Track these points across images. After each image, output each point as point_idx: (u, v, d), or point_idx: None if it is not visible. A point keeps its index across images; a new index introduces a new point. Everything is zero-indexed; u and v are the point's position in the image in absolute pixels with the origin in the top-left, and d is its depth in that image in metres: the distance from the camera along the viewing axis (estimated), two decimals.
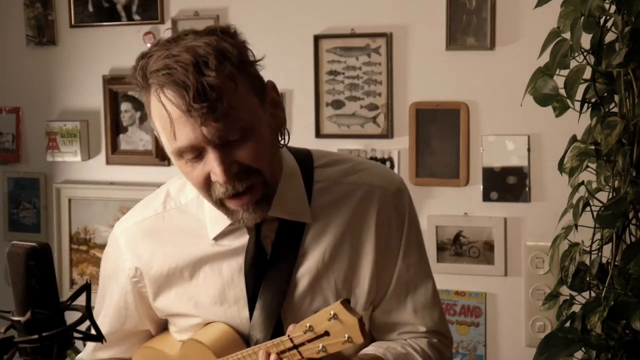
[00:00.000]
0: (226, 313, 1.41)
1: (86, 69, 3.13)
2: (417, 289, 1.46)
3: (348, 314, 1.18)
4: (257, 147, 1.28)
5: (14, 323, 0.93)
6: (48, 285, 0.94)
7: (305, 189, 1.41)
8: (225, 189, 1.28)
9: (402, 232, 1.44)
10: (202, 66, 1.22)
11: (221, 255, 1.41)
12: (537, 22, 2.42)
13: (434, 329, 1.48)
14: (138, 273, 1.45)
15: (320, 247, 1.39)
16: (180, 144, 1.25)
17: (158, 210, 1.47)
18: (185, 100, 1.21)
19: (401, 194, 1.46)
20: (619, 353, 1.86)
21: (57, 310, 0.95)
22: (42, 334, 0.92)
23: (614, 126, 1.82)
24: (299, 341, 1.23)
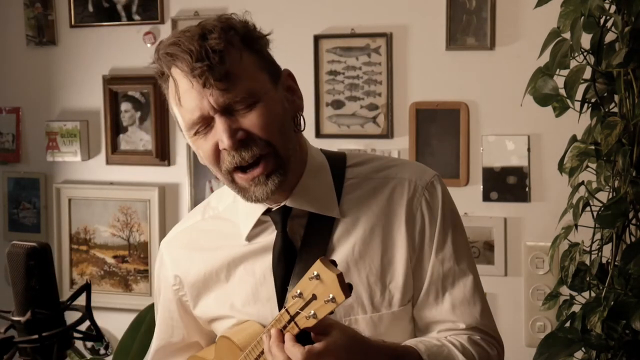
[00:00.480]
0: (259, 312, 1.41)
1: (86, 69, 3.13)
2: (454, 284, 1.40)
3: (328, 271, 1.15)
4: (264, 117, 1.31)
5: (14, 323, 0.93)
6: (48, 285, 0.94)
7: (336, 186, 1.41)
8: (232, 157, 1.30)
9: (435, 226, 1.41)
10: (207, 34, 1.29)
11: (254, 254, 1.42)
12: (537, 22, 2.42)
13: (476, 326, 1.41)
14: (178, 281, 1.48)
15: (349, 242, 1.38)
16: (190, 115, 1.30)
17: (197, 219, 1.51)
18: (190, 65, 1.26)
19: (433, 187, 1.43)
20: (619, 353, 1.86)
21: (57, 310, 0.95)
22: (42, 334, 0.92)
23: (614, 126, 1.83)
24: (294, 310, 1.21)
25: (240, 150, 1.29)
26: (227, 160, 1.31)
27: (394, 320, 1.39)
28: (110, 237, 3.11)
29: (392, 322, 1.38)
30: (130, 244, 3.09)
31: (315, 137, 2.84)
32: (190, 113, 1.30)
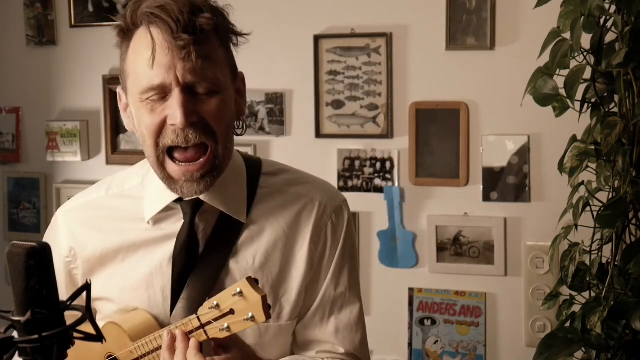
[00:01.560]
0: (150, 299, 1.40)
1: (86, 69, 3.13)
2: (342, 309, 1.45)
3: (253, 291, 1.19)
4: (221, 109, 1.31)
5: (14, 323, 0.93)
6: (48, 285, 0.94)
7: (249, 193, 1.42)
8: (177, 135, 1.28)
9: (336, 250, 1.45)
10: (197, 10, 1.28)
11: (154, 241, 1.41)
12: (537, 22, 2.42)
13: (353, 353, 1.46)
14: (72, 253, 1.46)
15: (252, 250, 1.40)
16: (154, 81, 1.27)
17: (101, 194, 1.49)
18: (173, 30, 1.25)
19: (341, 212, 1.47)
20: (619, 353, 1.86)
21: (57, 310, 0.95)
22: (42, 334, 0.92)
23: (614, 126, 1.82)
24: (206, 320, 1.23)
25: (187, 130, 1.28)
26: (170, 137, 1.29)
27: (280, 333, 1.42)
28: None
29: (277, 334, 1.41)
30: None
31: (315, 137, 2.84)
32: (151, 78, 1.27)
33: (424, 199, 2.75)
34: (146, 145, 1.33)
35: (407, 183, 2.76)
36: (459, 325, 2.74)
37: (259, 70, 2.87)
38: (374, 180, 2.80)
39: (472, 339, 2.73)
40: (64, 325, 0.94)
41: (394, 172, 2.78)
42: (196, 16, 1.27)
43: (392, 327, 2.81)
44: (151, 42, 1.26)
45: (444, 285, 2.75)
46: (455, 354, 2.74)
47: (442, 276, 2.75)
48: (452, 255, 2.73)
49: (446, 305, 2.74)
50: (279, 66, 2.86)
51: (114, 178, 1.51)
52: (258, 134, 2.91)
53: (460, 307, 2.73)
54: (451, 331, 2.75)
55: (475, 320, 2.72)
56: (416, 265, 2.78)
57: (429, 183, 2.74)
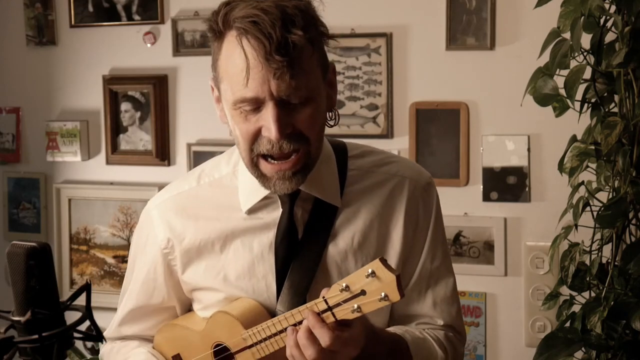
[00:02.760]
0: (254, 288, 1.42)
1: (86, 69, 3.13)
2: (438, 282, 1.48)
3: (386, 270, 1.19)
4: (314, 116, 1.32)
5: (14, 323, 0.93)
6: (48, 285, 0.94)
7: (340, 176, 1.44)
8: (272, 146, 1.29)
9: (429, 225, 1.47)
10: (289, 24, 1.26)
11: (253, 230, 1.42)
12: (537, 22, 2.42)
13: (451, 324, 1.49)
14: (170, 245, 1.46)
15: (349, 232, 1.42)
16: (247, 94, 1.27)
17: (192, 185, 1.49)
18: (266, 50, 1.23)
19: (430, 188, 1.50)
20: (619, 353, 1.86)
21: (57, 310, 0.95)
22: (42, 334, 0.92)
23: (614, 126, 1.82)
24: (334, 302, 1.23)
25: (282, 142, 1.29)
26: (265, 146, 1.30)
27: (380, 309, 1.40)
28: (110, 237, 3.11)
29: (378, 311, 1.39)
30: (130, 244, 3.08)
31: None
32: (244, 90, 1.27)
33: None
34: (240, 147, 1.35)
35: None
36: None
37: None
38: None
39: (472, 339, 2.73)
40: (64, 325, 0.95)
41: None
42: (289, 32, 1.25)
43: None
44: (245, 59, 1.26)
45: None
46: None
47: None
48: (452, 255, 2.73)
49: None
50: None
51: (203, 168, 1.51)
52: None
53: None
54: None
55: (475, 320, 2.72)
56: None
57: None
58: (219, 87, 1.35)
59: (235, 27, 1.27)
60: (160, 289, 1.50)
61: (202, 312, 1.48)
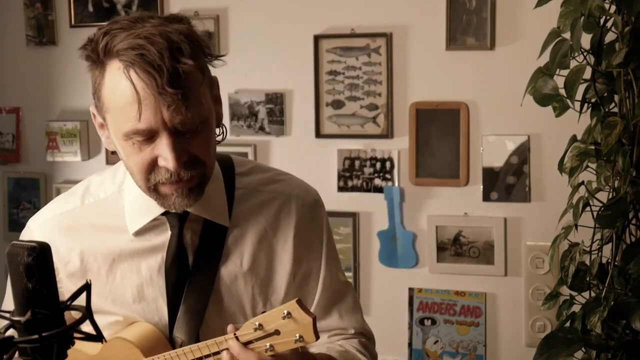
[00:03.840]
0: (145, 311, 1.40)
1: (86, 69, 3.12)
2: (340, 297, 1.50)
3: (303, 312, 1.20)
4: (209, 140, 1.30)
5: (14, 323, 0.93)
6: (48, 285, 0.93)
7: (227, 195, 1.42)
8: (170, 175, 1.26)
9: (322, 242, 1.48)
10: (177, 52, 1.21)
11: (140, 252, 1.40)
12: (537, 22, 2.42)
13: (361, 330, 1.53)
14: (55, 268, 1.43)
15: (238, 253, 1.41)
16: (140, 126, 1.22)
17: (76, 205, 1.44)
18: (157, 83, 1.19)
19: (318, 206, 1.50)
20: (619, 353, 1.86)
21: (57, 310, 0.94)
22: (42, 334, 0.92)
23: (614, 126, 1.82)
24: (246, 339, 1.23)
25: (179, 170, 1.26)
26: (164, 175, 1.27)
27: None
28: None
29: None
30: None
31: (315, 137, 2.84)
32: (135, 122, 1.22)
33: (424, 199, 2.75)
34: (135, 177, 1.31)
35: (407, 183, 2.76)
36: (459, 325, 2.74)
37: (259, 70, 2.87)
38: (374, 180, 2.80)
39: (472, 339, 2.73)
40: (64, 325, 0.94)
41: (393, 172, 2.78)
42: (178, 62, 1.20)
43: (392, 327, 2.81)
44: (134, 93, 1.20)
45: (444, 285, 2.75)
46: (455, 354, 2.74)
47: (442, 276, 2.75)
48: (452, 255, 2.73)
49: (446, 305, 2.74)
50: (279, 66, 2.86)
51: (88, 186, 1.46)
52: (258, 134, 2.91)
53: (460, 307, 2.73)
54: (451, 331, 2.75)
55: (475, 320, 2.72)
56: (416, 265, 2.78)
57: (429, 183, 2.74)
58: (103, 117, 1.30)
59: (120, 59, 1.22)
60: None
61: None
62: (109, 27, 1.27)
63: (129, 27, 1.24)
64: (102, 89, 1.28)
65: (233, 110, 2.90)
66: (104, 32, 1.27)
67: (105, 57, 1.25)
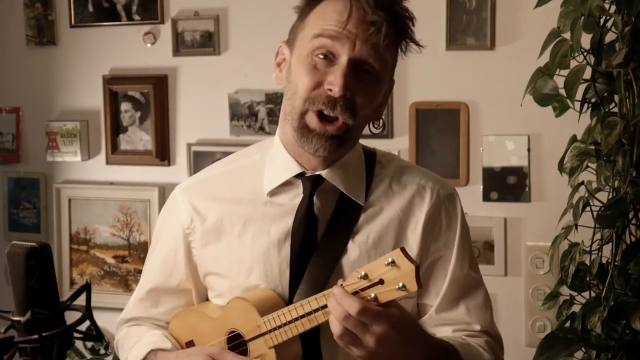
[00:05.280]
0: (267, 273, 1.42)
1: (86, 69, 3.13)
2: (469, 291, 1.49)
3: (406, 260, 1.19)
4: (372, 95, 1.38)
5: (14, 323, 0.93)
6: (48, 285, 0.94)
7: (367, 179, 1.47)
8: (328, 102, 1.32)
9: (455, 234, 1.49)
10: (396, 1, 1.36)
11: (272, 215, 1.44)
12: (537, 22, 2.42)
13: (488, 330, 1.50)
14: (192, 225, 1.48)
15: (367, 230, 1.43)
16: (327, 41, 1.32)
17: (219, 170, 1.53)
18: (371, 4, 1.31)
19: (454, 199, 1.53)
20: (619, 353, 1.86)
21: (57, 310, 0.95)
22: (42, 334, 0.92)
23: (614, 126, 1.83)
24: (351, 290, 1.22)
25: (338, 104, 1.32)
26: (321, 100, 1.33)
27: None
28: (110, 237, 3.11)
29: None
30: (130, 244, 3.08)
31: None
32: (330, 39, 1.32)
33: None
34: (295, 97, 1.37)
35: None
36: None
37: (259, 70, 2.87)
38: None
39: None
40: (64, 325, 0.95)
41: None
42: (397, 3, 1.34)
43: None
44: (349, 5, 1.31)
45: None
46: None
47: None
48: None
49: None
50: None
51: (232, 156, 1.56)
52: (258, 134, 2.90)
53: None
54: None
55: None
56: None
57: None
58: (294, 40, 1.41)
59: None
60: (178, 271, 1.51)
61: (216, 299, 1.49)
62: None
63: None
64: (310, 14, 1.39)
65: (233, 110, 2.90)
66: None
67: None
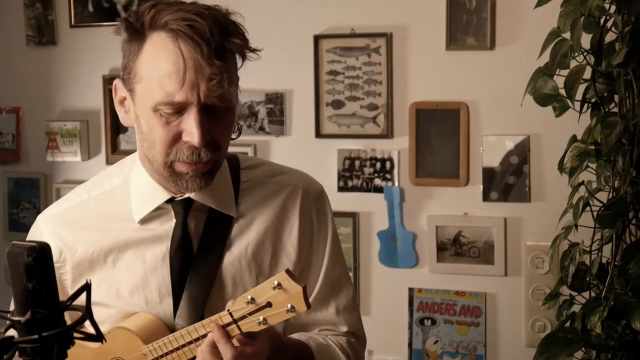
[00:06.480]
0: (147, 300, 1.41)
1: (86, 69, 3.13)
2: (340, 291, 1.51)
3: (292, 282, 1.20)
4: (230, 127, 1.35)
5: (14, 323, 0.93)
6: (48, 285, 0.93)
7: (234, 187, 1.45)
8: (191, 153, 1.29)
9: (327, 234, 1.49)
10: (225, 31, 1.27)
11: (146, 241, 1.42)
12: (537, 22, 2.42)
13: (353, 331, 1.53)
14: (62, 258, 1.44)
15: (244, 242, 1.43)
16: (177, 97, 1.26)
17: (83, 198, 1.47)
18: (204, 53, 1.23)
19: (323, 197, 1.52)
20: (619, 353, 1.86)
21: (57, 310, 0.95)
22: (42, 334, 0.92)
23: (614, 126, 1.82)
24: (239, 315, 1.24)
25: (201, 150, 1.29)
26: (185, 153, 1.30)
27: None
28: None
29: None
30: None
31: (315, 137, 2.84)
32: (173, 94, 1.26)
33: (424, 199, 2.75)
34: (154, 150, 1.33)
35: (407, 183, 2.77)
36: (459, 325, 2.74)
37: (259, 70, 2.87)
38: (374, 180, 2.80)
39: (472, 339, 2.73)
40: (64, 325, 0.94)
41: (393, 172, 2.78)
42: (226, 40, 1.26)
43: (392, 327, 2.81)
44: (182, 58, 1.25)
45: (444, 285, 2.75)
46: (455, 354, 2.74)
47: (442, 276, 2.75)
48: (452, 255, 2.73)
49: (446, 305, 2.74)
50: (279, 66, 2.86)
51: (93, 181, 1.51)
52: (258, 134, 2.91)
53: (460, 307, 2.73)
54: (451, 331, 2.75)
55: (475, 320, 2.72)
56: (416, 265, 2.78)
57: (429, 183, 2.74)
58: (132, 89, 1.32)
59: (168, 29, 1.26)
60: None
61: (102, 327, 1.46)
62: (155, 1, 1.32)
63: (177, 4, 1.30)
64: (137, 59, 1.30)
65: None
66: (151, 5, 1.30)
67: (149, 29, 1.29)
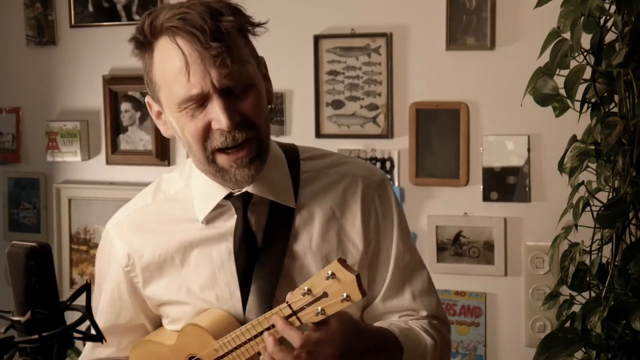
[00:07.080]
0: (218, 296, 1.42)
1: (86, 69, 3.13)
2: (414, 276, 1.48)
3: (345, 271, 1.20)
4: (258, 102, 1.34)
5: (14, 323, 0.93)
6: (48, 285, 0.94)
7: (292, 178, 1.45)
8: (225, 138, 1.30)
9: (392, 221, 1.48)
10: (217, 14, 1.28)
11: (210, 239, 1.43)
12: (537, 22, 2.42)
13: (433, 314, 1.50)
14: (131, 262, 1.47)
15: (307, 233, 1.42)
16: (192, 91, 1.28)
17: (148, 202, 1.50)
18: (201, 40, 1.25)
19: (385, 184, 1.50)
20: (619, 353, 1.86)
21: (57, 310, 0.95)
22: (42, 334, 0.92)
23: (614, 126, 1.83)
24: (298, 306, 1.24)
25: (234, 132, 1.30)
26: (219, 139, 1.31)
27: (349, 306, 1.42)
28: None
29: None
30: None
31: (315, 137, 2.84)
32: (188, 89, 1.28)
33: (424, 199, 2.75)
34: (193, 149, 1.35)
35: (407, 183, 2.76)
36: (459, 325, 2.74)
37: None
38: None
39: (472, 339, 2.73)
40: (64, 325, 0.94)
41: (393, 172, 2.78)
42: (219, 21, 1.28)
43: None
44: (181, 54, 1.27)
45: (443, 285, 2.75)
46: (455, 354, 2.74)
47: (442, 276, 2.75)
48: (452, 255, 2.73)
49: (446, 305, 2.73)
50: (279, 66, 2.85)
51: (158, 184, 1.52)
52: None
53: (460, 307, 2.73)
54: (451, 331, 2.74)
55: (475, 320, 2.72)
56: None
57: (429, 183, 2.74)
58: (158, 99, 1.36)
59: (164, 31, 1.29)
60: (127, 307, 1.51)
61: (171, 325, 1.48)
62: (151, 10, 1.34)
63: (170, 5, 1.32)
64: (152, 69, 1.34)
65: None
66: (147, 14, 1.33)
67: (152, 37, 1.31)
